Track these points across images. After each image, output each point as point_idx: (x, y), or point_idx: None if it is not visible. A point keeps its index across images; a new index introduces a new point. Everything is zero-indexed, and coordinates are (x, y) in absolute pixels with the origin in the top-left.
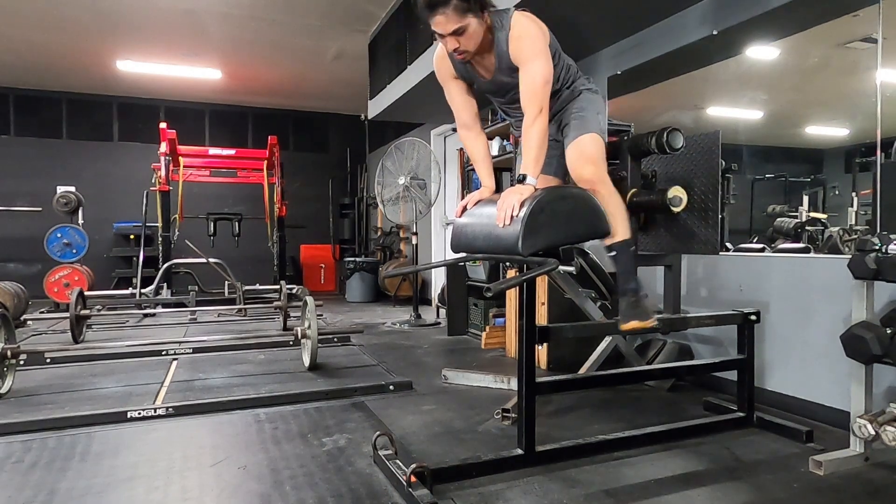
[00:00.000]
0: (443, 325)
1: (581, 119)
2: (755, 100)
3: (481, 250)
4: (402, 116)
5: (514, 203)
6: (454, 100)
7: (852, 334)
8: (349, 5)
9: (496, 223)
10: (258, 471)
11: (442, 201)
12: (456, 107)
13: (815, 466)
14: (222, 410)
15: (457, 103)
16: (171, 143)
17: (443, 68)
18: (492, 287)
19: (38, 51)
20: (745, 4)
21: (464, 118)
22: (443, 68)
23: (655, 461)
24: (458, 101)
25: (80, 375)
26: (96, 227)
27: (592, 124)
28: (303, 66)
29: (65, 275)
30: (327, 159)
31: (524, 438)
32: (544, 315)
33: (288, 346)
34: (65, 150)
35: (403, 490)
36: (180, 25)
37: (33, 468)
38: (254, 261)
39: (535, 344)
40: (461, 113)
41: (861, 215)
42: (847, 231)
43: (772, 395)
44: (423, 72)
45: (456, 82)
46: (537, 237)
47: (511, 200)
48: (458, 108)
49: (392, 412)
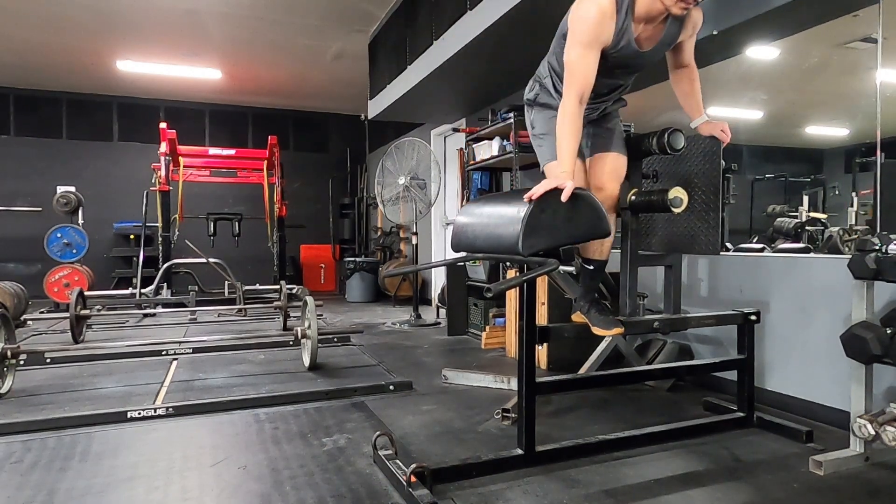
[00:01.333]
0: (443, 325)
1: (622, 134)
2: (755, 100)
3: (481, 250)
4: (402, 116)
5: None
6: (589, 67)
7: (852, 334)
8: (349, 5)
9: (496, 222)
10: (258, 471)
11: (442, 201)
12: (587, 76)
13: (815, 466)
14: (222, 410)
15: (591, 72)
16: (171, 143)
17: (602, 30)
18: (492, 287)
19: (38, 51)
20: (745, 4)
21: (587, 91)
22: (602, 30)
23: (655, 461)
24: (592, 70)
25: (80, 375)
26: (96, 227)
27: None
28: (303, 66)
29: (65, 275)
30: (327, 159)
31: (524, 438)
32: (544, 315)
33: (288, 346)
34: (65, 150)
35: (403, 490)
36: (180, 25)
37: (33, 468)
38: (254, 261)
39: (535, 344)
40: (588, 85)
41: (861, 215)
42: (847, 231)
43: (772, 395)
44: (423, 72)
45: (598, 51)
46: (538, 237)
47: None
48: (588, 79)
49: (392, 412)
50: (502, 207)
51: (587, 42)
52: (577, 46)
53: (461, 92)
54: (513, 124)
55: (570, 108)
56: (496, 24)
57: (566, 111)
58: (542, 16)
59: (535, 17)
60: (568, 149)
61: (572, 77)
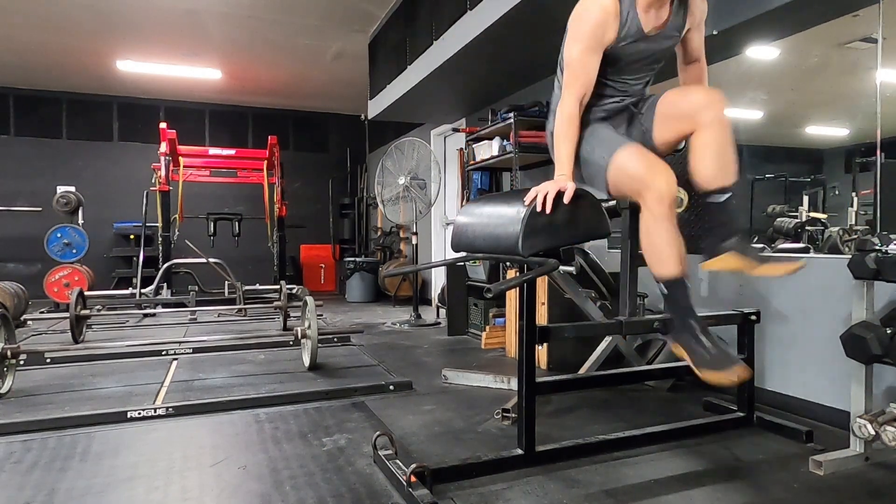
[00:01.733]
0: (443, 325)
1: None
2: (755, 100)
3: (481, 250)
4: (402, 116)
5: (550, 190)
6: (589, 67)
7: (852, 334)
8: (349, 5)
9: (497, 220)
10: (258, 471)
11: (442, 201)
12: (588, 77)
13: (815, 466)
14: (222, 410)
15: (591, 73)
16: (171, 143)
17: (605, 30)
18: (492, 287)
19: (38, 51)
20: (745, 4)
21: (587, 92)
22: (605, 30)
23: (655, 461)
24: (593, 71)
25: (80, 375)
26: (96, 227)
27: None
28: (303, 66)
29: (65, 275)
30: (327, 159)
31: (524, 438)
32: (544, 315)
33: (288, 346)
34: (65, 150)
35: (403, 490)
36: (180, 25)
37: (33, 468)
38: (254, 261)
39: (535, 344)
40: (589, 86)
41: (861, 215)
42: (847, 231)
43: (772, 395)
44: (423, 72)
45: (600, 53)
46: (538, 237)
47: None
48: (589, 80)
49: (392, 412)
50: (502, 207)
51: (588, 43)
52: (577, 45)
53: (461, 92)
54: (513, 124)
55: (568, 109)
56: (496, 24)
57: (564, 113)
58: (542, 16)
59: (535, 17)
60: (566, 152)
61: (572, 77)
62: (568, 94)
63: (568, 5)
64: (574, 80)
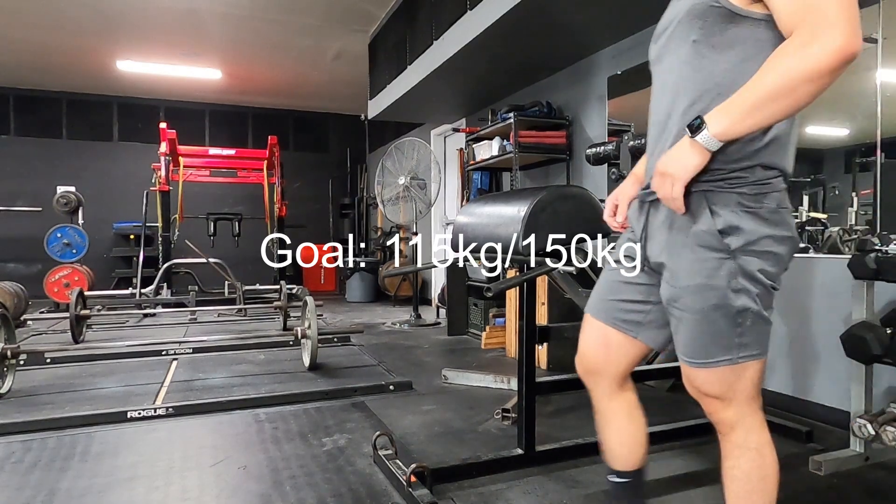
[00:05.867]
0: (443, 325)
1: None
2: None
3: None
4: (402, 116)
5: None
6: None
7: (852, 334)
8: (349, 5)
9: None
10: (258, 471)
11: (442, 201)
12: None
13: (815, 466)
14: (222, 410)
15: None
16: (171, 143)
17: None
18: (492, 287)
19: (38, 51)
20: None
21: None
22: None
23: (655, 461)
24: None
25: (80, 375)
26: (96, 227)
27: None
28: (303, 66)
29: (65, 275)
30: (327, 159)
31: (524, 438)
32: (544, 315)
33: (288, 346)
34: (65, 150)
35: (403, 490)
36: (180, 25)
37: (33, 468)
38: (254, 261)
39: (535, 344)
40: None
41: (861, 215)
42: (847, 231)
43: (772, 395)
44: (423, 72)
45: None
46: (538, 237)
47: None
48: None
49: (392, 412)
50: (502, 207)
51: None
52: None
53: (461, 92)
54: (513, 124)
55: (851, 47)
56: (496, 24)
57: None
58: (542, 16)
59: (534, 18)
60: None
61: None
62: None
63: (568, 5)
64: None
